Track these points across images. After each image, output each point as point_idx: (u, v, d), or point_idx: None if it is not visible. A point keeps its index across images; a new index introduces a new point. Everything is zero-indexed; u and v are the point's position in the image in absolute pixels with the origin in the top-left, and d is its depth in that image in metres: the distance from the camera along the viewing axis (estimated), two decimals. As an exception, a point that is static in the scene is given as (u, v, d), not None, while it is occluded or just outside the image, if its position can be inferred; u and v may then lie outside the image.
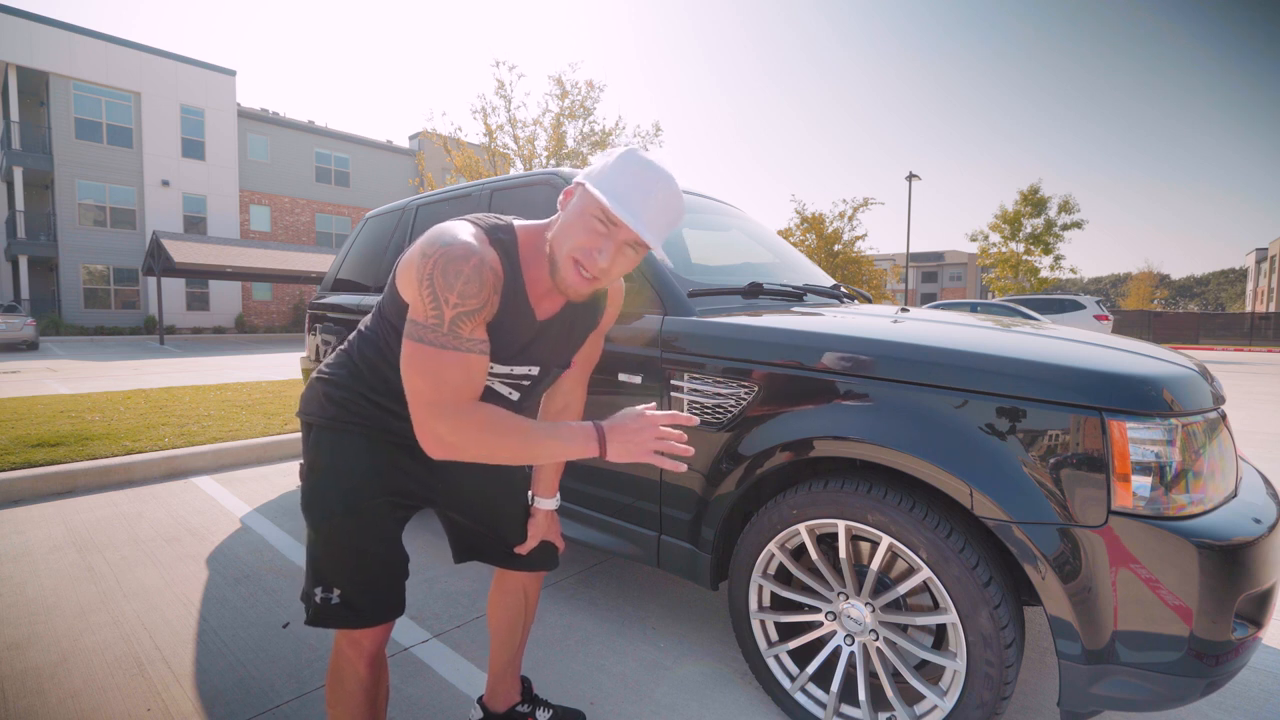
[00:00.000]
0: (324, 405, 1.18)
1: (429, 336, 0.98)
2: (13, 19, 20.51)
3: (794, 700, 1.58)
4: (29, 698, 1.66)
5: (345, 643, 1.17)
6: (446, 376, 0.98)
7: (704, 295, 1.93)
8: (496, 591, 1.48)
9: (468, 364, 1.00)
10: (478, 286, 0.99)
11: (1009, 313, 11.55)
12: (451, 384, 0.99)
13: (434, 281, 0.97)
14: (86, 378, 9.27)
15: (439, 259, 0.98)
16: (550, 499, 1.41)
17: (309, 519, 1.15)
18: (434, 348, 0.98)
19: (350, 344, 1.22)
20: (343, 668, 1.19)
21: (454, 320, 0.98)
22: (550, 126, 16.58)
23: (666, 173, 1.04)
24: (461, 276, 0.97)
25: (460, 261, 0.97)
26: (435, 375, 0.98)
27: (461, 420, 0.98)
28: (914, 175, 23.22)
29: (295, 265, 19.27)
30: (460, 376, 1.00)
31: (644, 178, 1.01)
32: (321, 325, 3.36)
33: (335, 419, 1.17)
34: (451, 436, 0.98)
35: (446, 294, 0.97)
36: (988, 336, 1.46)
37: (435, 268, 0.97)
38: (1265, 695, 1.77)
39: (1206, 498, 1.22)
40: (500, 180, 2.56)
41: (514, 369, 1.15)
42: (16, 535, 2.87)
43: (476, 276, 0.98)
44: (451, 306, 0.97)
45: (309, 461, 1.18)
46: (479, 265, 0.99)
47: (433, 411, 0.98)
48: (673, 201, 1.03)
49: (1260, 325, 29.40)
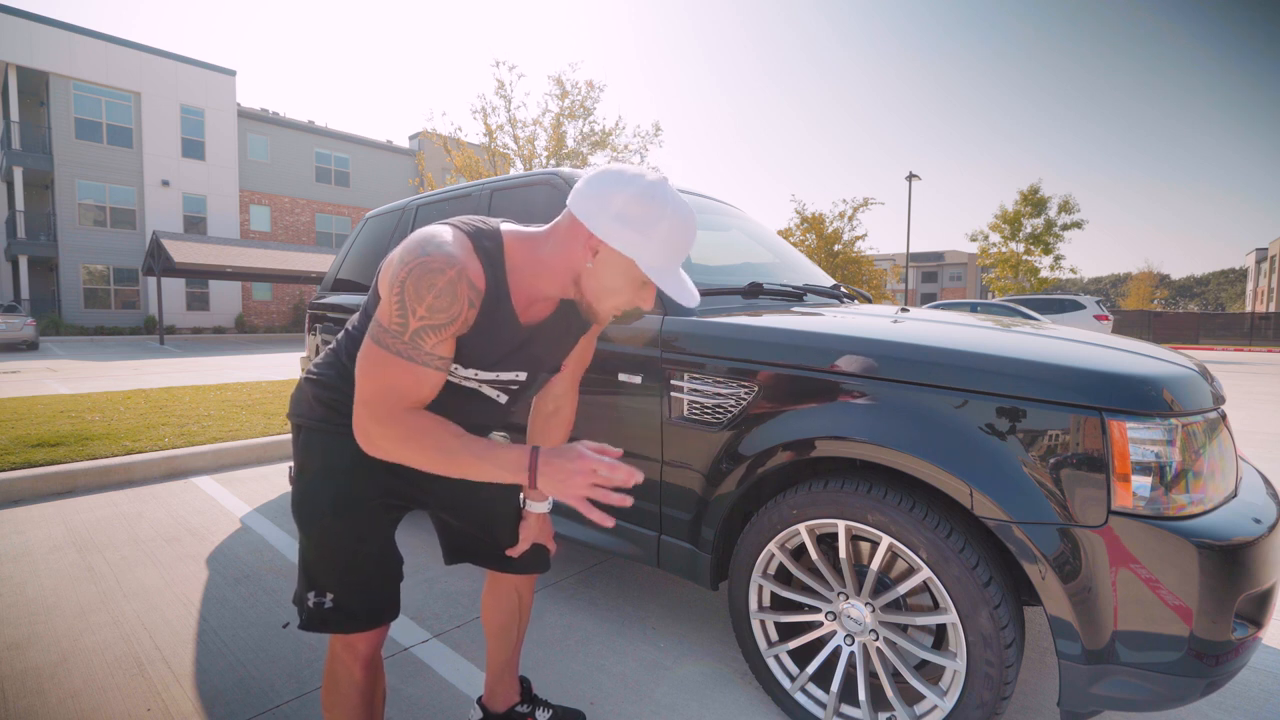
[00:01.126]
0: (313, 407, 1.17)
1: (387, 340, 0.97)
2: (13, 19, 20.51)
3: (794, 700, 1.58)
4: (29, 698, 1.66)
5: (340, 646, 1.17)
6: (392, 383, 0.97)
7: (704, 295, 1.93)
8: (490, 594, 1.47)
9: (418, 376, 0.98)
10: (449, 300, 0.96)
11: (1009, 313, 11.55)
12: (395, 391, 0.97)
13: (405, 290, 0.95)
14: (86, 378, 9.27)
15: (415, 267, 0.95)
16: (543, 501, 1.40)
17: (299, 522, 1.14)
18: (388, 353, 0.96)
19: (338, 344, 1.21)
20: (338, 671, 1.18)
21: (417, 332, 0.96)
22: (550, 126, 16.59)
23: (686, 211, 1.02)
24: (434, 289, 0.95)
25: (435, 274, 0.95)
26: (381, 379, 0.97)
27: (393, 427, 0.97)
28: (914, 175, 23.22)
29: (295, 265, 19.27)
30: (406, 385, 0.98)
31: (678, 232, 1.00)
32: (321, 325, 3.36)
33: (325, 420, 1.15)
34: (380, 439, 0.97)
35: (415, 305, 0.95)
36: (988, 336, 1.46)
37: (410, 275, 0.95)
38: (1265, 695, 1.76)
39: (1206, 498, 1.22)
40: (500, 180, 2.56)
41: (499, 375, 1.14)
42: (16, 535, 2.87)
43: (450, 290, 0.96)
44: (418, 318, 0.96)
45: (299, 464, 1.17)
46: (455, 279, 0.96)
47: (369, 411, 0.97)
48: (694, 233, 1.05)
49: (1260, 325, 29.40)
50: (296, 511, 1.14)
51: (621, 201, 0.98)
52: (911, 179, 23.21)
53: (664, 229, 0.99)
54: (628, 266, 1.02)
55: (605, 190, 0.99)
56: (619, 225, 0.98)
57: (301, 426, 1.18)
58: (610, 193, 0.98)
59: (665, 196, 0.99)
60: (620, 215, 0.98)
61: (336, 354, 1.20)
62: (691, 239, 1.04)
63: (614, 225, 0.98)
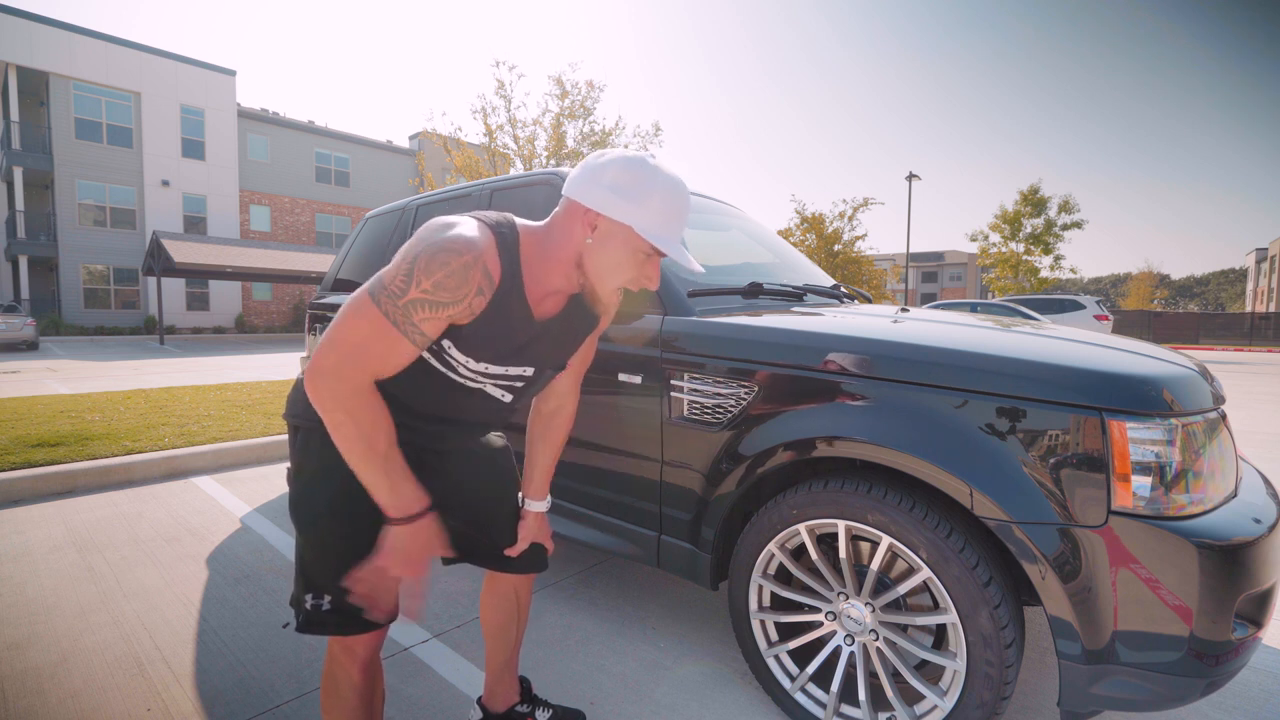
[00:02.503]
0: (310, 407, 1.16)
1: (381, 298, 0.96)
2: (13, 19, 20.51)
3: (794, 700, 1.58)
4: (29, 698, 1.66)
5: (339, 648, 1.16)
6: (368, 340, 0.96)
7: (704, 295, 1.93)
8: (488, 593, 1.47)
9: (394, 343, 0.97)
10: (457, 282, 0.96)
11: (1009, 313, 11.55)
12: (367, 348, 0.96)
13: (417, 262, 0.95)
14: (86, 378, 9.27)
15: (432, 244, 0.96)
16: (541, 501, 1.40)
17: (297, 523, 1.13)
18: (377, 309, 0.95)
19: None
20: (336, 673, 1.17)
21: (414, 301, 0.96)
22: (550, 126, 16.58)
23: (678, 179, 1.05)
24: (446, 268, 0.95)
25: (452, 255, 0.96)
26: (359, 331, 0.96)
27: (344, 384, 0.95)
28: (914, 175, 23.22)
29: (295, 265, 19.27)
30: (380, 348, 0.97)
31: (672, 198, 1.03)
32: (321, 325, 3.36)
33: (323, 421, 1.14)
34: (327, 391, 0.95)
35: (422, 277, 0.95)
36: (988, 336, 1.46)
37: (426, 250, 0.96)
38: (1265, 695, 1.76)
39: (1206, 498, 1.22)
40: (500, 180, 2.56)
41: (509, 369, 1.14)
42: (16, 535, 2.87)
43: (461, 273, 0.96)
44: (420, 289, 0.95)
45: (296, 464, 1.16)
46: (469, 264, 0.97)
47: (334, 357, 0.95)
48: (689, 202, 1.07)
49: (1260, 325, 29.40)
50: (294, 512, 1.14)
51: (613, 173, 1.01)
52: (911, 179, 23.21)
53: (658, 195, 1.01)
54: (627, 235, 1.03)
55: (595, 167, 1.03)
56: (614, 195, 1.01)
57: (299, 427, 1.17)
58: (600, 168, 1.03)
59: (654, 166, 1.03)
60: (613, 185, 1.01)
61: None
62: (686, 206, 1.05)
63: (609, 195, 1.01)
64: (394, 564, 1.01)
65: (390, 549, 1.01)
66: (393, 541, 1.01)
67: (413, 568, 1.02)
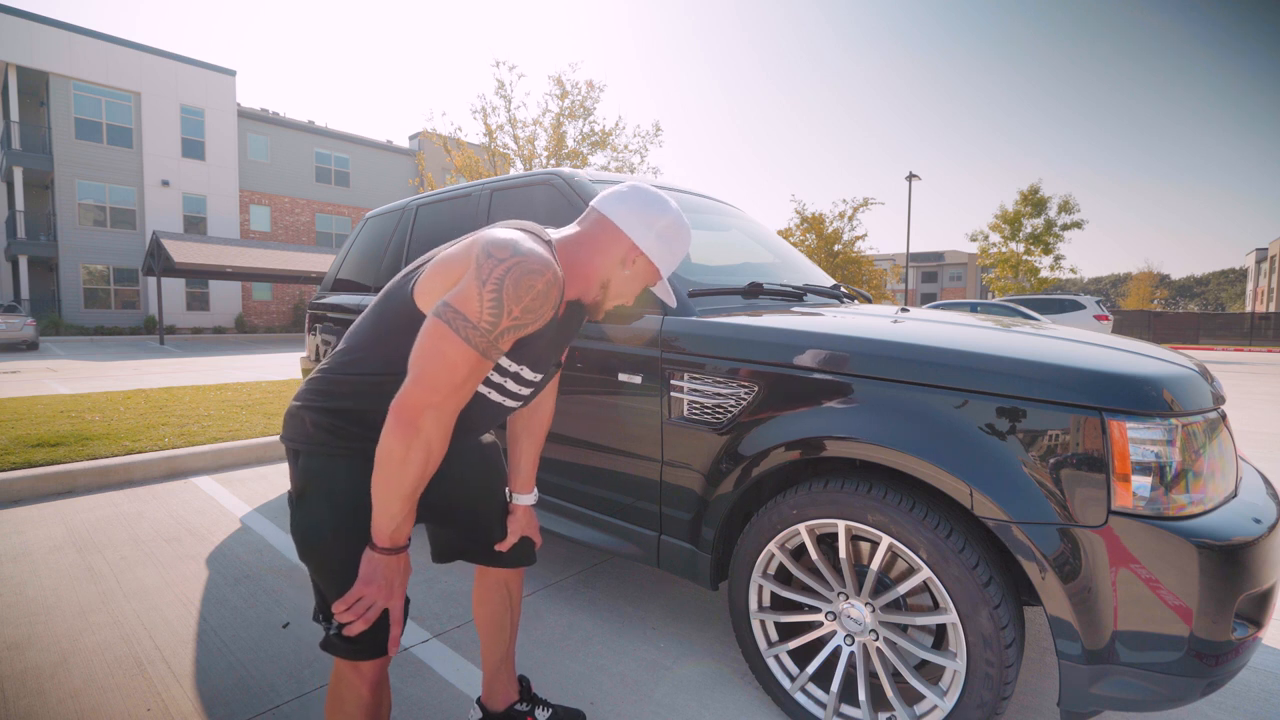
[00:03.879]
0: (312, 433, 1.12)
1: (471, 335, 0.96)
2: (13, 19, 20.50)
3: (794, 700, 1.58)
4: (29, 698, 1.66)
5: (347, 667, 1.14)
6: (463, 379, 0.98)
7: (704, 295, 1.93)
8: (479, 589, 1.49)
9: (483, 374, 1.01)
10: (542, 303, 0.99)
11: (1009, 313, 11.55)
12: (468, 388, 0.99)
13: (503, 287, 0.96)
14: (86, 378, 9.27)
15: (514, 266, 0.96)
16: (528, 494, 1.44)
17: (300, 546, 1.10)
18: (469, 346, 0.96)
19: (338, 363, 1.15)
20: (344, 691, 1.15)
21: (504, 331, 0.98)
22: (550, 126, 16.59)
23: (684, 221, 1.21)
24: (533, 291, 0.97)
25: (535, 276, 0.97)
26: (459, 374, 0.97)
27: (445, 431, 0.99)
28: (914, 175, 23.22)
29: (295, 265, 19.26)
30: (474, 384, 1.01)
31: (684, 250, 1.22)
32: (321, 325, 3.36)
33: (324, 445, 1.12)
34: (429, 435, 0.97)
35: (513, 305, 0.96)
36: (988, 336, 1.46)
37: (509, 274, 0.96)
38: (1265, 695, 1.77)
39: (1206, 498, 1.22)
40: (500, 180, 2.56)
41: (538, 374, 1.20)
42: (16, 535, 2.87)
43: (545, 294, 0.99)
44: (512, 318, 0.97)
45: (298, 488, 1.13)
46: (550, 284, 0.99)
47: (440, 403, 0.97)
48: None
49: (1260, 325, 29.39)
50: (298, 534, 1.11)
51: (664, 224, 1.16)
52: (911, 179, 23.20)
53: (680, 248, 1.19)
54: (653, 277, 1.20)
55: (650, 211, 1.16)
56: (660, 243, 1.16)
57: (299, 451, 1.14)
58: (655, 215, 1.16)
59: (686, 222, 1.20)
60: (662, 234, 1.16)
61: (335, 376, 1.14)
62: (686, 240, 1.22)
63: (657, 243, 1.16)
64: (376, 593, 1.02)
65: (370, 578, 1.02)
66: (374, 571, 1.02)
67: (393, 596, 1.04)
